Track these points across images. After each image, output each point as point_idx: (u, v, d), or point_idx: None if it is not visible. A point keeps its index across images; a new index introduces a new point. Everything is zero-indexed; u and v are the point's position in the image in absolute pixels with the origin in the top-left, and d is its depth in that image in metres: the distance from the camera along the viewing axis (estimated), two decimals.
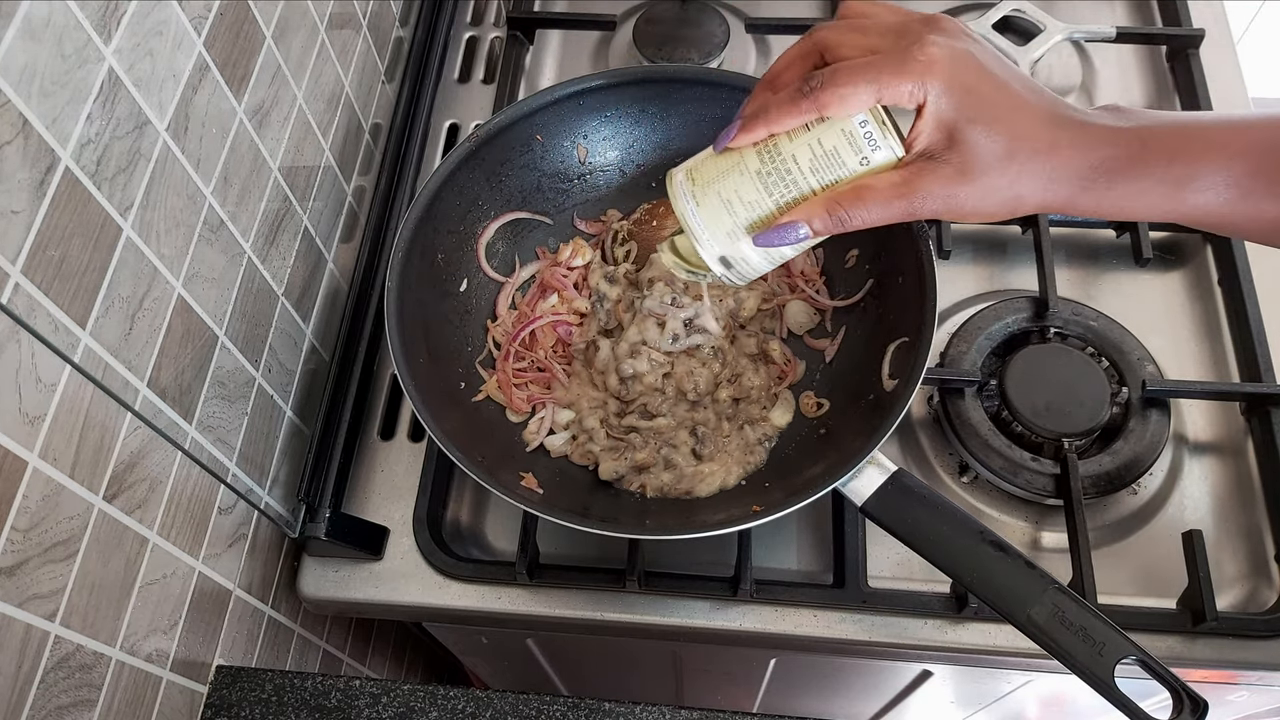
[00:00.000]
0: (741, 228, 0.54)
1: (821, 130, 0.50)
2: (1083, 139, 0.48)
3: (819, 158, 0.51)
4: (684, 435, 0.72)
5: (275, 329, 0.69)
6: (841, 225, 0.51)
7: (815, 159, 0.51)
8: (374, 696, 0.65)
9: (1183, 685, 0.54)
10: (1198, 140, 0.47)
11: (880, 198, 0.50)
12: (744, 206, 0.53)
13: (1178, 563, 0.68)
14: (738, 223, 0.54)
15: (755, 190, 0.53)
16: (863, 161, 0.51)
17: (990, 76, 0.48)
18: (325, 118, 0.75)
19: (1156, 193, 0.47)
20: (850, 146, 0.50)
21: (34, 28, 0.42)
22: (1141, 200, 0.48)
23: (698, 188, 0.55)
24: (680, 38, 0.93)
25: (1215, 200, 0.47)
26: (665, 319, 0.73)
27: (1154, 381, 0.74)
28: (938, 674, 0.85)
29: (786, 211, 0.53)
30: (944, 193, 0.48)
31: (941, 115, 0.47)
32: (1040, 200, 0.49)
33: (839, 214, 0.50)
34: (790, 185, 0.52)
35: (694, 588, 0.71)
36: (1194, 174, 0.47)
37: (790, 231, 0.52)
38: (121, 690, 0.54)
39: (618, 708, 0.64)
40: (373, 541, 0.73)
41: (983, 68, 0.48)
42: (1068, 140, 0.47)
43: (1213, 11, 0.97)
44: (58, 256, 0.45)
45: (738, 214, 0.54)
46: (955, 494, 0.75)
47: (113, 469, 0.51)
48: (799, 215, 0.52)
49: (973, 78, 0.47)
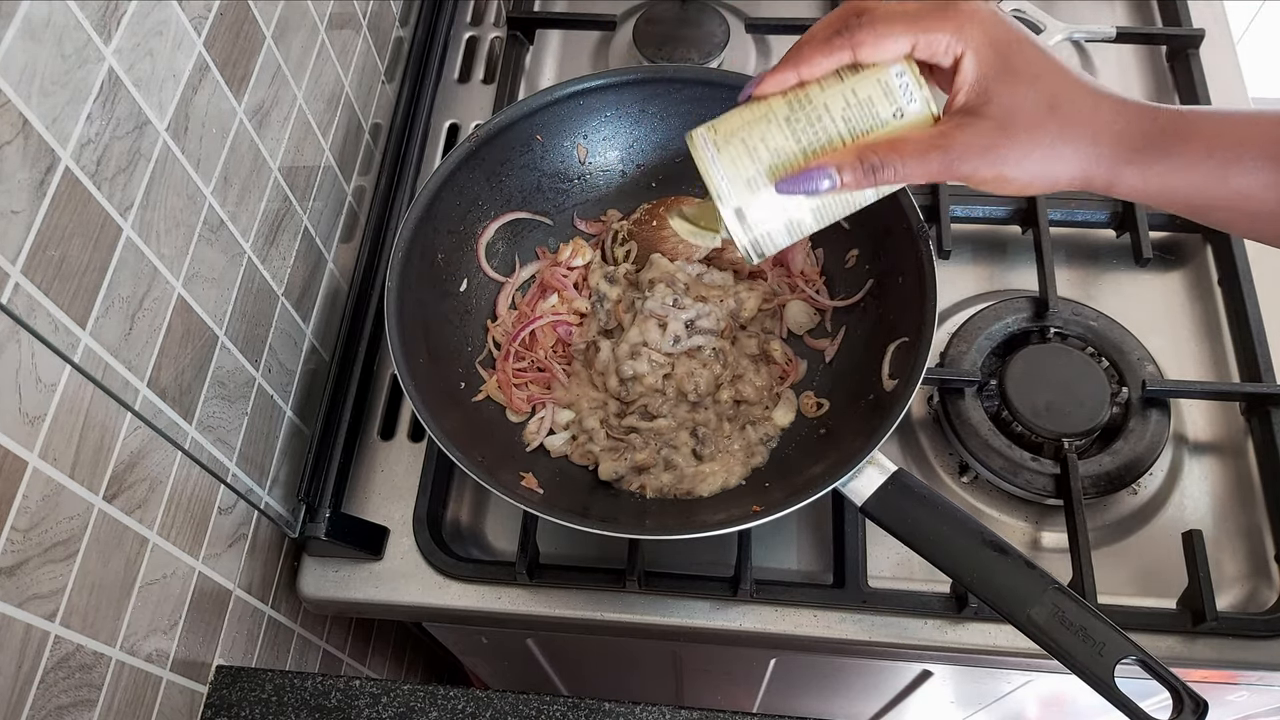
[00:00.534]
0: (764, 174, 0.50)
1: (856, 80, 0.49)
2: (1125, 110, 0.46)
3: (852, 106, 0.49)
4: (684, 436, 0.72)
5: (275, 329, 0.69)
6: (872, 176, 0.48)
7: (849, 107, 0.49)
8: (374, 696, 0.65)
9: (1183, 685, 0.54)
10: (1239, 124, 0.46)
11: (917, 150, 0.47)
12: (769, 152, 0.50)
13: (1178, 563, 0.68)
14: (760, 168, 0.50)
15: (782, 136, 0.50)
16: (897, 113, 0.49)
17: (1028, 38, 0.47)
18: (325, 118, 0.75)
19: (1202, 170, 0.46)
20: (885, 97, 0.49)
21: (34, 28, 0.42)
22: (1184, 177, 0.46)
23: (720, 136, 0.51)
24: (680, 38, 0.93)
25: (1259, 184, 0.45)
26: (667, 320, 0.73)
27: (1154, 381, 0.74)
28: (938, 674, 0.85)
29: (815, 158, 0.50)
30: (984, 145, 0.46)
31: (982, 69, 0.46)
32: (1083, 169, 0.47)
33: (871, 161, 0.48)
34: (820, 132, 0.49)
35: (694, 588, 0.71)
36: (1240, 155, 0.45)
37: (817, 177, 0.49)
38: (121, 690, 0.54)
39: (618, 708, 0.64)
40: (373, 541, 0.73)
41: (1020, 29, 0.47)
42: (1110, 108, 0.46)
43: (1213, 11, 0.97)
44: (58, 256, 0.45)
45: (761, 159, 0.50)
46: (955, 494, 0.75)
47: (113, 469, 0.51)
48: (828, 160, 0.49)
49: (1012, 35, 0.47)
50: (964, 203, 0.84)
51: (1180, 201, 0.47)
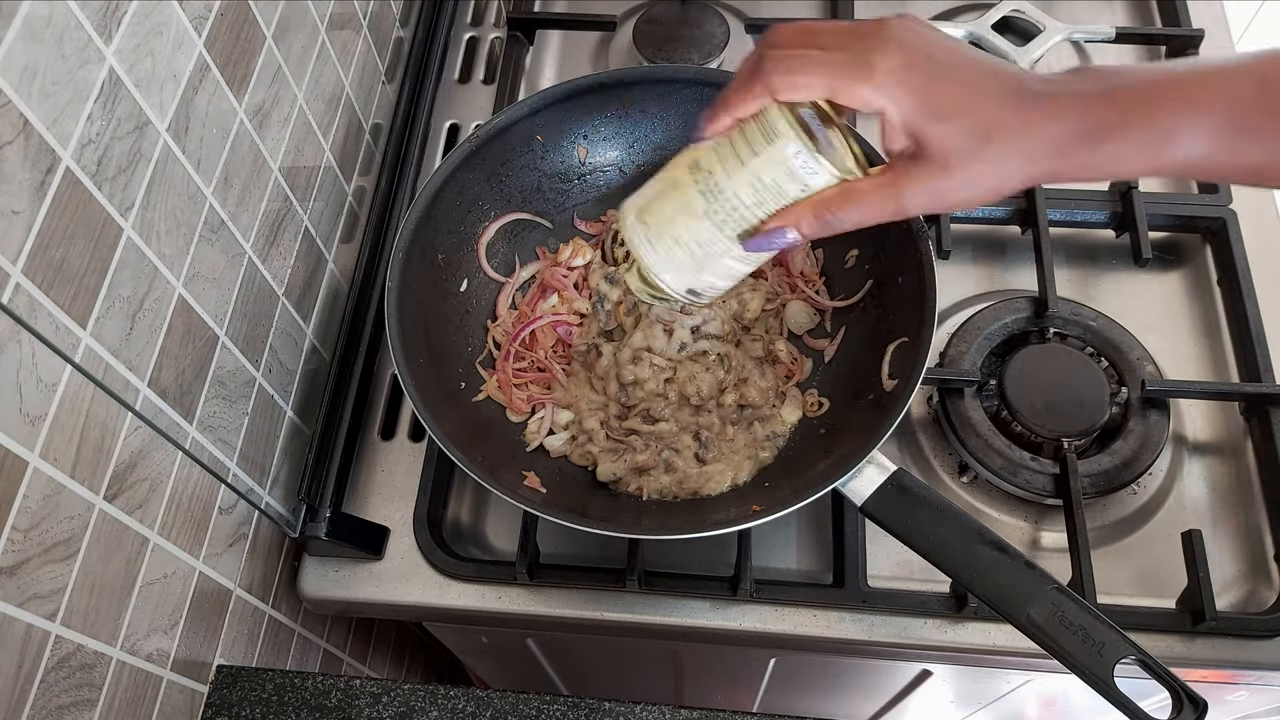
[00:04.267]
0: (700, 263, 0.56)
1: (758, 165, 0.51)
2: (1054, 111, 0.47)
3: (760, 191, 0.52)
4: (687, 439, 0.72)
5: (276, 329, 0.69)
6: (831, 228, 0.52)
7: (758, 192, 0.52)
8: (374, 696, 0.65)
9: (1182, 685, 0.54)
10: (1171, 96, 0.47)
11: (868, 199, 0.50)
12: (699, 245, 0.55)
13: (1177, 562, 0.69)
14: (695, 259, 0.56)
15: (707, 229, 0.54)
16: (803, 189, 0.51)
17: (948, 69, 0.47)
18: (326, 118, 0.75)
19: (1137, 153, 0.47)
20: (789, 177, 0.51)
21: (35, 28, 0.42)
22: (1124, 162, 0.47)
23: (652, 232, 0.56)
24: (680, 38, 0.93)
25: (1196, 153, 0.46)
26: (673, 326, 0.73)
27: (1153, 381, 0.74)
28: (937, 674, 0.85)
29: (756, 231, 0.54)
30: (929, 189, 0.49)
31: (908, 120, 0.47)
32: (1025, 177, 0.48)
33: (827, 218, 0.51)
34: (740, 219, 0.53)
35: (694, 587, 0.71)
36: (1172, 130, 0.46)
37: (779, 237, 0.53)
38: (122, 690, 0.54)
39: (618, 707, 0.64)
40: (373, 541, 0.73)
41: (939, 62, 0.47)
42: (1040, 115, 0.47)
43: (1212, 12, 0.97)
44: (59, 257, 0.45)
45: (694, 252, 0.55)
46: (955, 494, 0.75)
47: (113, 469, 0.51)
48: (787, 220, 0.52)
49: (931, 75, 0.47)
50: None
51: (1125, 175, 0.49)
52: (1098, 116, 0.47)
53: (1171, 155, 0.47)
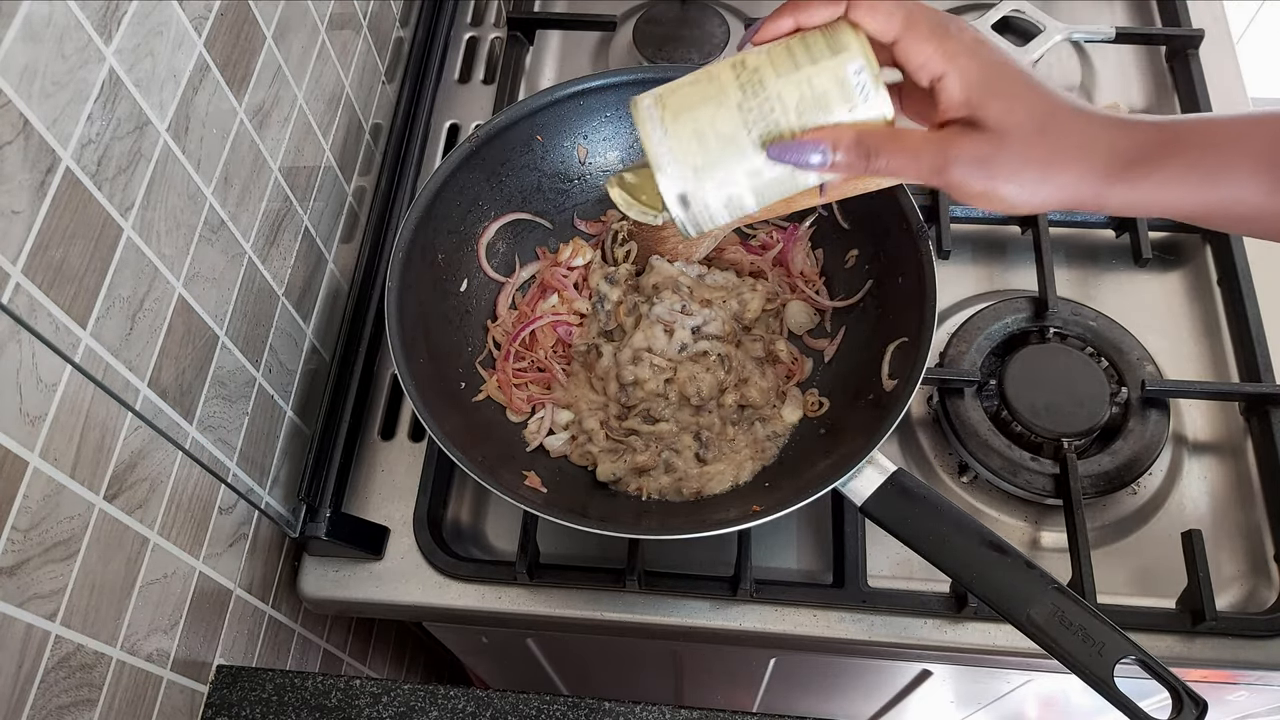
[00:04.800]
0: (710, 163, 0.49)
1: (814, 71, 0.48)
2: (1110, 128, 0.47)
3: (807, 99, 0.48)
4: (687, 439, 0.72)
5: (276, 329, 0.69)
6: (865, 159, 0.48)
7: (803, 99, 0.48)
8: (374, 696, 0.65)
9: (1182, 685, 0.54)
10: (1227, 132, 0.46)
11: (915, 149, 0.48)
12: (717, 139, 0.49)
13: (1177, 562, 0.69)
14: (707, 157, 0.49)
15: (734, 122, 0.48)
16: (850, 110, 0.48)
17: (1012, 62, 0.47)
18: (325, 118, 0.75)
19: (1189, 182, 0.46)
20: (841, 93, 0.48)
21: (35, 28, 0.42)
22: (1174, 191, 0.46)
23: (668, 113, 0.49)
24: (680, 38, 0.93)
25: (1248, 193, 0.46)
26: (674, 327, 0.73)
27: (1153, 381, 0.74)
28: (937, 674, 0.85)
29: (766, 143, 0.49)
30: (980, 156, 0.47)
31: (971, 91, 0.47)
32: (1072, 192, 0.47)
33: (868, 148, 0.47)
34: (772, 123, 0.48)
35: (694, 588, 0.71)
36: (1227, 164, 0.46)
37: (808, 151, 0.48)
38: (122, 690, 0.54)
39: (618, 707, 0.64)
40: (373, 541, 0.73)
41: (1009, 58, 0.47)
42: (1097, 128, 0.47)
43: (1212, 11, 0.97)
44: (59, 257, 0.45)
45: (709, 148, 0.49)
46: (955, 494, 0.75)
47: (113, 469, 0.51)
48: (827, 135, 0.48)
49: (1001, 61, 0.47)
50: None
51: (1171, 211, 0.48)
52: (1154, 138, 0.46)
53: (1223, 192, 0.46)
